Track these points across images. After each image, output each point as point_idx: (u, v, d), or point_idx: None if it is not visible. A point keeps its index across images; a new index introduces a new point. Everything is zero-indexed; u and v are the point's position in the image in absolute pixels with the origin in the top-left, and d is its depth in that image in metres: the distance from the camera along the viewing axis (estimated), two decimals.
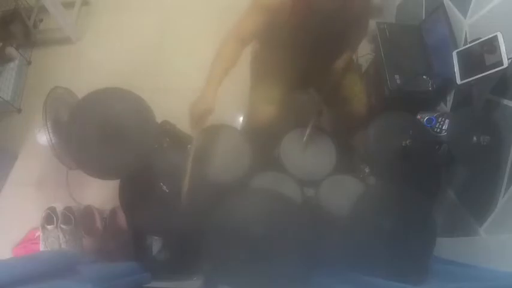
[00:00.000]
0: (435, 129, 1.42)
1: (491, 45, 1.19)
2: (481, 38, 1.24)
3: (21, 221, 1.94)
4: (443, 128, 1.40)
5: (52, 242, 1.82)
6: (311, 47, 1.39)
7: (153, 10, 2.47)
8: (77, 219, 1.85)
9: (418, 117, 1.50)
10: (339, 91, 1.57)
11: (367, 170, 1.50)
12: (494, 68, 1.18)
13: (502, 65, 1.15)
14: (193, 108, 1.19)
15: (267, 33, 1.45)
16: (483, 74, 1.21)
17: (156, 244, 1.73)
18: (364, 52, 2.01)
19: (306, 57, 1.45)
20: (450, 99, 1.53)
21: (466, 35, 1.42)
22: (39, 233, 1.86)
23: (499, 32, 1.17)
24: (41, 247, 1.83)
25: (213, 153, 1.39)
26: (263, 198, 1.20)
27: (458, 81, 1.30)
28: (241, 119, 2.09)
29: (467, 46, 1.31)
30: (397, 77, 1.59)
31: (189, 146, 1.41)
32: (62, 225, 1.81)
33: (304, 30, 1.30)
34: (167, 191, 1.21)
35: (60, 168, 1.94)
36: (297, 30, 1.31)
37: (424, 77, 1.57)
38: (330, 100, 1.72)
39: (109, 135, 1.17)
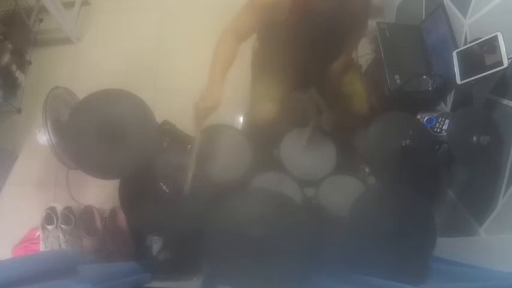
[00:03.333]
0: (435, 129, 1.42)
1: (491, 45, 1.19)
2: (481, 38, 1.24)
3: (21, 221, 1.94)
4: (443, 128, 1.40)
5: (52, 242, 1.82)
6: (310, 46, 1.39)
7: (153, 10, 2.47)
8: (77, 219, 1.85)
9: (418, 117, 1.50)
10: (340, 91, 1.57)
11: (367, 170, 1.51)
12: (494, 68, 1.18)
13: (502, 65, 1.15)
14: (199, 105, 1.18)
15: (266, 32, 1.45)
16: (483, 74, 1.21)
17: (156, 244, 1.74)
18: (364, 52, 2.01)
19: (306, 56, 1.45)
20: (450, 99, 1.53)
21: (466, 35, 1.42)
22: (39, 233, 1.86)
23: (499, 32, 1.17)
24: (41, 247, 1.83)
25: (213, 153, 1.39)
26: (263, 198, 1.20)
27: (458, 81, 1.31)
28: (241, 119, 2.10)
29: (467, 46, 1.31)
30: (397, 77, 1.59)
31: (189, 146, 1.41)
32: (62, 225, 1.81)
33: (303, 30, 1.30)
34: (167, 191, 1.21)
35: (60, 168, 1.95)
36: (295, 30, 1.31)
37: (424, 77, 1.57)
38: (330, 100, 1.72)
39: (109, 135, 1.17)
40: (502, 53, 1.15)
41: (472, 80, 1.26)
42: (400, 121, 1.39)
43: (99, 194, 1.98)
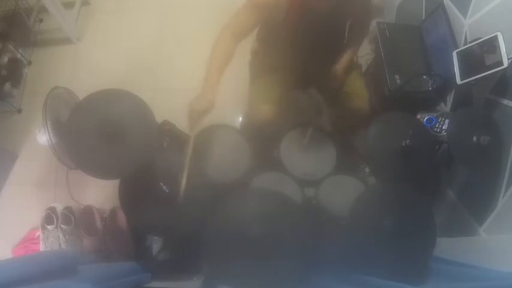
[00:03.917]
0: (435, 129, 1.42)
1: (491, 45, 1.19)
2: (481, 38, 1.24)
3: (21, 221, 1.95)
4: (443, 128, 1.40)
5: (52, 242, 1.82)
6: (310, 46, 1.39)
7: (153, 10, 2.47)
8: (77, 219, 1.85)
9: (418, 117, 1.50)
10: (340, 91, 1.57)
11: (367, 170, 1.51)
12: (494, 68, 1.18)
13: (502, 65, 1.15)
14: (193, 106, 1.18)
15: (265, 32, 1.45)
16: (483, 74, 1.21)
17: (156, 244, 1.74)
18: (364, 52, 2.01)
19: (305, 56, 1.45)
20: (450, 99, 1.53)
21: (466, 35, 1.42)
22: (39, 233, 1.86)
23: (499, 32, 1.17)
24: (41, 247, 1.83)
25: (212, 153, 1.39)
26: (263, 198, 1.20)
27: (458, 81, 1.31)
28: (241, 118, 2.10)
29: (467, 46, 1.31)
30: (397, 77, 1.59)
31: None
32: (62, 225, 1.82)
33: (302, 30, 1.30)
34: (167, 191, 1.21)
35: (60, 168, 1.95)
36: (294, 30, 1.31)
37: (424, 77, 1.57)
38: (330, 100, 1.72)
39: (109, 135, 1.17)
40: (502, 53, 1.15)
41: (472, 80, 1.26)
42: (400, 121, 1.39)
43: (99, 194, 1.98)
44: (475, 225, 1.27)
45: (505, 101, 1.21)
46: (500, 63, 1.16)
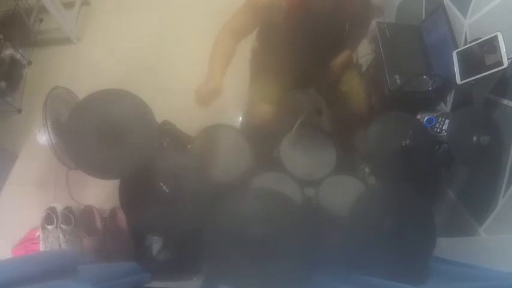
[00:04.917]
0: (435, 129, 1.42)
1: (491, 45, 1.19)
2: (481, 38, 1.24)
3: (21, 221, 1.95)
4: (443, 128, 1.40)
5: (52, 242, 1.82)
6: (309, 46, 1.39)
7: (153, 10, 2.48)
8: (77, 219, 1.86)
9: (418, 117, 1.50)
10: (339, 91, 1.57)
11: (367, 170, 1.51)
12: (494, 68, 1.18)
13: (502, 65, 1.15)
14: (201, 88, 1.19)
15: (265, 32, 1.45)
16: (483, 74, 1.21)
17: (156, 244, 1.74)
18: (364, 52, 2.01)
19: (305, 56, 1.45)
20: (450, 99, 1.53)
21: (466, 35, 1.42)
22: (39, 233, 1.86)
23: (499, 32, 1.17)
24: (41, 247, 1.83)
25: (213, 153, 1.39)
26: (263, 198, 1.20)
27: (458, 81, 1.30)
28: (240, 118, 2.10)
29: (467, 46, 1.31)
30: (397, 77, 1.59)
31: (189, 146, 1.41)
32: (62, 225, 1.82)
33: (302, 30, 1.31)
34: (167, 191, 1.21)
35: (60, 168, 1.95)
36: (294, 30, 1.31)
37: (424, 77, 1.57)
38: (330, 100, 1.72)
39: (109, 135, 1.17)
40: (502, 53, 1.15)
41: (472, 80, 1.26)
42: (400, 121, 1.39)
43: (99, 194, 1.98)
44: (475, 225, 1.27)
45: (505, 101, 1.21)
46: (500, 63, 1.15)
